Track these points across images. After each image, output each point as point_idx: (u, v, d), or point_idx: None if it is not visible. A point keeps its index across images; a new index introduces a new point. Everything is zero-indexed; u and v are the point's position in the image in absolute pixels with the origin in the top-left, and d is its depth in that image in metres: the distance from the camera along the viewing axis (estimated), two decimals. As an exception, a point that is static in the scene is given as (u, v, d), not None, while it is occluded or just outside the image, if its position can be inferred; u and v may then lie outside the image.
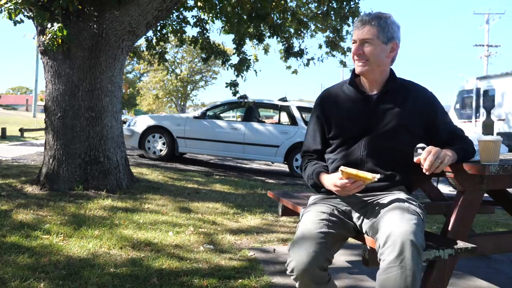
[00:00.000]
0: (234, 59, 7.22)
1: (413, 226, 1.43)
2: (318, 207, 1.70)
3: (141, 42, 8.69)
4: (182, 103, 40.08)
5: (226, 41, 58.21)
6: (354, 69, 1.81)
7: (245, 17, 6.95)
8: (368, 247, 1.62)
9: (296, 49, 7.54)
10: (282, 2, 6.97)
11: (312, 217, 1.62)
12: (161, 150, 8.27)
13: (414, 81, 1.85)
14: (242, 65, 7.03)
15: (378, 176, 1.56)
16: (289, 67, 7.89)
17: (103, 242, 2.81)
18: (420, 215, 1.55)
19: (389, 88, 1.75)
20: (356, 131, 1.74)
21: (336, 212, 1.67)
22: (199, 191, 5.09)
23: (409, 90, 1.78)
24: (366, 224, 1.64)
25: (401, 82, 1.79)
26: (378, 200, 1.68)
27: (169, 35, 7.49)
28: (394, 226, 1.45)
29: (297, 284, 1.52)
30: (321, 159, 1.87)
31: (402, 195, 1.68)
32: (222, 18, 7.19)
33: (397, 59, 1.77)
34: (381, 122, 1.73)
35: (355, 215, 1.71)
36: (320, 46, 7.62)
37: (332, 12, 6.65)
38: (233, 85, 7.23)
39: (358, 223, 1.69)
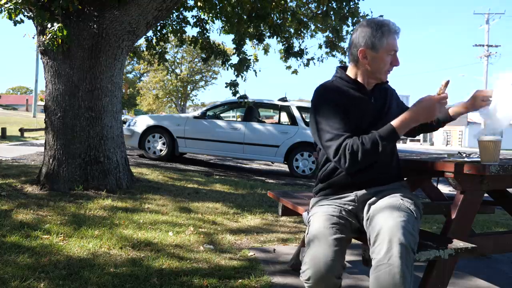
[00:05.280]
0: (234, 59, 7.23)
1: (400, 224, 1.44)
2: (325, 209, 1.69)
3: (141, 42, 8.70)
4: (182, 103, 40.10)
5: (226, 41, 58.21)
6: (342, 67, 1.85)
7: (245, 17, 6.95)
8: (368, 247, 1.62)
9: (296, 49, 7.53)
10: (282, 2, 6.97)
11: (323, 221, 1.60)
12: (161, 150, 8.27)
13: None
14: (242, 65, 7.02)
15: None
16: (289, 67, 7.88)
17: (103, 242, 2.81)
18: (412, 212, 1.55)
19: (378, 87, 1.81)
20: (365, 126, 1.70)
21: (344, 214, 1.67)
22: (199, 191, 5.09)
23: (387, 88, 1.86)
24: (364, 224, 1.64)
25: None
26: (378, 199, 1.68)
27: (169, 35, 7.49)
28: (383, 224, 1.46)
29: None
30: None
31: (402, 190, 1.70)
32: (222, 18, 7.19)
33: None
34: (381, 116, 1.75)
35: (360, 215, 1.71)
36: (320, 46, 7.61)
37: (331, 12, 6.64)
38: (233, 85, 7.23)
39: (362, 223, 1.69)
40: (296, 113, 8.32)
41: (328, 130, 1.65)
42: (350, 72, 1.80)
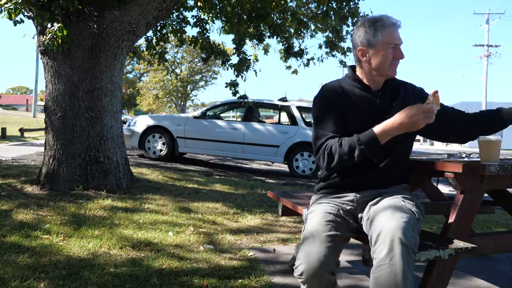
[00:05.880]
0: (234, 59, 7.23)
1: (402, 224, 1.44)
2: (323, 207, 1.69)
3: (141, 42, 8.70)
4: (182, 103, 40.11)
5: (226, 41, 58.19)
6: (352, 66, 1.83)
7: (245, 17, 6.95)
8: (368, 247, 1.62)
9: (296, 49, 7.53)
10: (282, 2, 6.97)
11: (319, 218, 1.60)
12: (161, 150, 8.27)
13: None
14: (242, 65, 7.02)
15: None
16: (289, 67, 7.88)
17: (103, 242, 2.81)
18: (414, 214, 1.55)
19: (389, 86, 1.78)
20: (367, 127, 1.67)
21: (341, 213, 1.67)
22: (199, 191, 5.09)
23: (400, 87, 1.81)
24: (364, 224, 1.64)
25: (396, 81, 1.82)
26: (378, 200, 1.68)
27: (169, 35, 7.49)
28: (385, 225, 1.46)
29: (303, 287, 1.51)
30: None
31: (403, 193, 1.69)
32: (222, 18, 7.19)
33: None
34: (383, 117, 1.71)
35: (359, 215, 1.71)
36: (320, 46, 7.61)
37: (331, 12, 6.64)
38: (233, 85, 7.23)
39: (360, 223, 1.69)
40: (296, 113, 8.32)
41: (317, 129, 1.72)
42: (357, 72, 1.81)
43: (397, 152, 1.75)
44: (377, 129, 1.58)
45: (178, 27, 7.36)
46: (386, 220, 1.48)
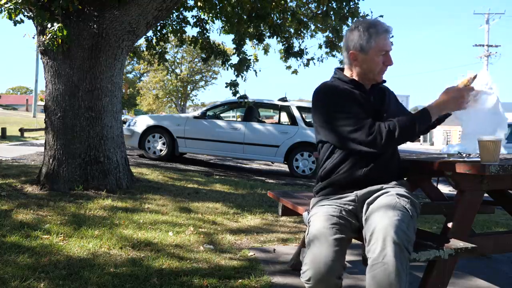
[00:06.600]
0: (234, 59, 7.23)
1: (395, 222, 1.45)
2: (325, 209, 1.68)
3: (141, 42, 8.70)
4: (182, 103, 40.10)
5: (226, 41, 58.20)
6: (340, 68, 1.87)
7: (245, 17, 6.95)
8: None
9: (296, 49, 7.53)
10: (282, 2, 6.97)
11: (323, 221, 1.60)
12: (161, 150, 8.27)
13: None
14: (242, 65, 7.02)
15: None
16: (289, 67, 7.88)
17: (103, 242, 2.81)
18: (408, 211, 1.55)
19: (376, 87, 1.83)
20: None
21: (344, 214, 1.67)
22: (199, 191, 5.09)
23: (384, 88, 1.88)
24: (363, 223, 1.64)
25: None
26: (374, 198, 1.67)
27: (169, 35, 7.49)
28: (378, 223, 1.47)
29: None
30: None
31: (400, 190, 1.69)
32: (222, 18, 7.19)
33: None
34: (381, 114, 1.75)
35: (360, 215, 1.71)
36: (320, 46, 7.61)
37: (331, 12, 6.64)
38: (233, 85, 7.23)
39: (361, 223, 1.69)
40: (296, 113, 8.32)
41: (351, 118, 1.67)
42: (347, 73, 1.83)
43: (393, 149, 1.79)
44: (429, 106, 1.67)
45: (178, 27, 7.36)
46: (379, 218, 1.49)
